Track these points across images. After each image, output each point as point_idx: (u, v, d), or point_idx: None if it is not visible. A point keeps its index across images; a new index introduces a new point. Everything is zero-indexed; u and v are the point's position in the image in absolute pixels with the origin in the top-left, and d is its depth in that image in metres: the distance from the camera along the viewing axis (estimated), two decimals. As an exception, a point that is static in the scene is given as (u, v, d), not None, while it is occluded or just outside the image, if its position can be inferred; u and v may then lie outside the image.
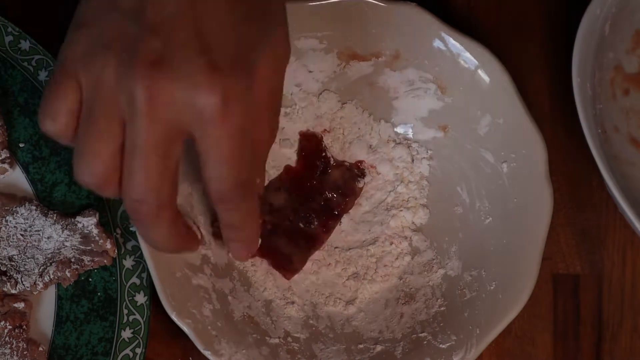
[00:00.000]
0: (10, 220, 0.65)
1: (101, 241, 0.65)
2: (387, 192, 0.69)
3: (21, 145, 0.67)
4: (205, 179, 0.52)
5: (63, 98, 0.51)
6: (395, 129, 0.69)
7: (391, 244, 0.68)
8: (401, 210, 0.68)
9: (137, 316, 0.65)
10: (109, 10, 0.50)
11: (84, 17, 0.51)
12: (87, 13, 0.51)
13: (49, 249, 0.65)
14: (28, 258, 0.65)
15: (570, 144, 0.69)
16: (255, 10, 0.51)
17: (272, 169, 0.68)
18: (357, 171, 0.68)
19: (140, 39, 0.49)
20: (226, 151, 0.51)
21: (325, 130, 0.69)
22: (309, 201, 0.67)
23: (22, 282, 0.64)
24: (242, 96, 0.50)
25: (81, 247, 0.65)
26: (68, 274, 0.64)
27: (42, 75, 0.68)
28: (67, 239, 0.65)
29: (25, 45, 0.68)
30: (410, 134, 0.69)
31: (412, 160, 0.69)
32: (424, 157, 0.69)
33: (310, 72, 0.68)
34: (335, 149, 0.69)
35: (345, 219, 0.68)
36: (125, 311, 0.65)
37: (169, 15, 0.49)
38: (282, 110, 0.67)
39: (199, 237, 0.63)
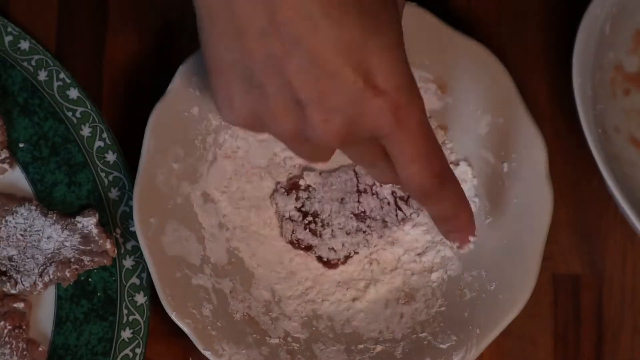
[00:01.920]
0: (10, 220, 0.65)
1: (101, 241, 0.65)
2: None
3: (21, 145, 0.67)
4: (402, 180, 0.56)
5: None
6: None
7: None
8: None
9: (137, 316, 0.65)
10: (250, 88, 0.53)
11: (230, 99, 0.55)
12: (232, 95, 0.54)
13: (49, 249, 0.65)
14: (28, 258, 0.65)
15: (570, 144, 0.69)
16: (375, 5, 0.53)
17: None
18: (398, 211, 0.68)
19: (300, 103, 0.52)
20: (411, 153, 0.54)
21: None
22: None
23: (22, 282, 0.64)
24: (409, 100, 0.53)
25: (81, 247, 0.65)
26: (68, 274, 0.64)
27: (42, 75, 0.68)
28: (66, 239, 0.65)
29: (25, 45, 0.68)
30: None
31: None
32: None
33: (310, 72, 0.68)
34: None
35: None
36: (125, 311, 0.65)
37: (314, 72, 0.51)
38: None
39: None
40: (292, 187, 0.68)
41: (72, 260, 0.64)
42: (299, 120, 0.53)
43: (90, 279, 0.66)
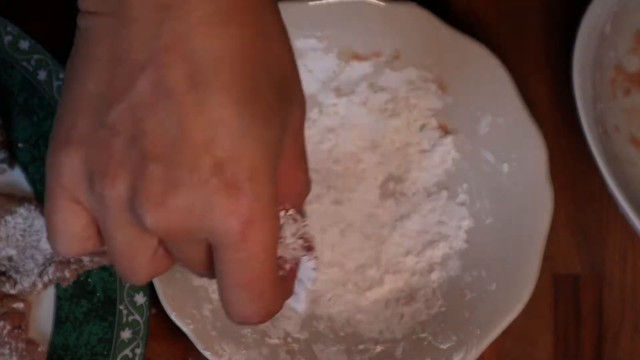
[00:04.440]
0: (10, 221, 0.65)
1: (101, 241, 0.65)
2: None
3: (20, 145, 0.67)
4: (221, 298, 0.47)
5: (72, 224, 0.47)
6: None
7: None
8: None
9: (137, 316, 0.65)
10: (98, 126, 0.45)
11: (70, 133, 0.46)
12: (75, 128, 0.46)
13: (48, 249, 0.65)
14: (27, 258, 0.65)
15: (570, 144, 0.69)
16: (268, 98, 0.45)
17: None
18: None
19: (144, 166, 0.44)
20: (242, 277, 0.45)
21: None
22: None
23: (21, 282, 0.64)
24: (267, 210, 0.44)
25: (81, 247, 0.65)
26: (67, 274, 0.64)
27: (42, 74, 0.68)
28: (66, 239, 0.65)
29: (24, 44, 0.68)
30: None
31: (412, 160, 0.69)
32: (423, 157, 0.69)
33: (310, 72, 0.68)
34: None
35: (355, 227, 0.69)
36: (125, 311, 0.65)
37: (172, 134, 0.43)
38: None
39: None
40: None
41: (72, 260, 0.64)
42: (132, 185, 0.44)
43: (89, 279, 0.66)
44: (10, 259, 0.65)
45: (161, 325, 0.66)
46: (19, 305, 0.64)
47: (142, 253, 0.47)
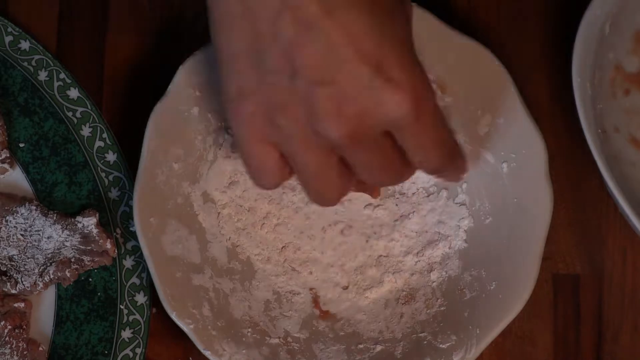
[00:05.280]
0: (11, 220, 0.65)
1: (101, 241, 0.65)
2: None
3: (21, 145, 0.67)
4: (417, 165, 0.56)
5: (269, 160, 0.55)
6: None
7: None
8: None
9: (137, 316, 0.65)
10: (262, 75, 0.52)
11: (241, 90, 0.53)
12: (243, 85, 0.53)
13: (49, 249, 0.65)
14: (28, 258, 0.65)
15: (570, 144, 0.69)
16: (390, 2, 0.53)
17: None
18: None
19: (312, 91, 0.51)
20: (427, 143, 0.55)
21: None
22: None
23: (22, 282, 0.64)
24: (426, 93, 0.53)
25: (81, 247, 0.65)
26: (68, 274, 0.64)
27: (42, 75, 0.68)
28: (67, 239, 0.65)
29: (25, 45, 0.68)
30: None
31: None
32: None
33: (310, 72, 0.68)
34: None
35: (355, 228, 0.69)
36: (125, 311, 0.65)
37: (325, 58, 0.51)
38: None
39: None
40: None
41: (73, 260, 0.64)
42: (309, 111, 0.52)
43: (90, 279, 0.66)
44: (11, 258, 0.65)
45: (161, 325, 0.66)
46: (20, 304, 0.64)
47: (332, 169, 0.55)
